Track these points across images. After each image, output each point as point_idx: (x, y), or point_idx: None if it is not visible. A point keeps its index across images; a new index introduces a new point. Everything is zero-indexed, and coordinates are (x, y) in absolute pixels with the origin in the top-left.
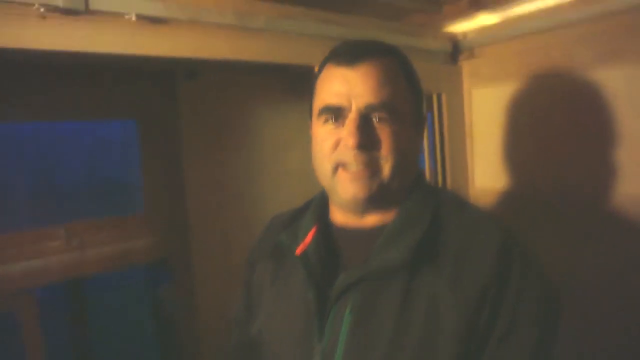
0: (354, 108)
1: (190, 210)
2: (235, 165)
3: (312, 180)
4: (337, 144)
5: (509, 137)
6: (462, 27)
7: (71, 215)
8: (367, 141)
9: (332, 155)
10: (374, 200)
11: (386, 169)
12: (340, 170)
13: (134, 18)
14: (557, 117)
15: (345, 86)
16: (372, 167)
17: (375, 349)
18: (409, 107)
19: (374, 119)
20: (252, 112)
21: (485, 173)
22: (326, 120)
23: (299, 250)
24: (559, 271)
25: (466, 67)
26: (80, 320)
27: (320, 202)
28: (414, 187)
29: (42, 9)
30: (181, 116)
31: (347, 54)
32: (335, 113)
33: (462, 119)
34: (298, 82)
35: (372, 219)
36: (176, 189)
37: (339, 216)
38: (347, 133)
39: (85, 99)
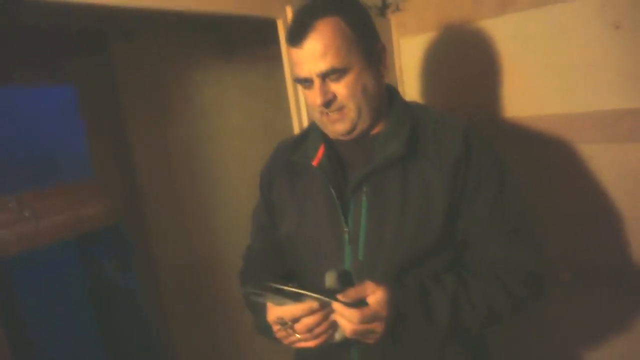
0: (313, 77)
1: (139, 172)
2: (179, 127)
3: (252, 138)
4: (314, 100)
5: (432, 78)
6: None
7: (21, 187)
8: (328, 98)
9: (315, 107)
10: (351, 132)
11: (350, 110)
12: (323, 115)
13: None
14: (468, 56)
15: (301, 63)
16: (340, 112)
17: (388, 220)
18: (358, 52)
19: (328, 80)
20: (189, 75)
21: None
22: (304, 87)
23: (315, 162)
24: None
25: (393, 19)
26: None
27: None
28: (392, 102)
29: None
30: (119, 78)
31: (294, 36)
32: (305, 82)
33: (393, 65)
34: (229, 44)
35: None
36: (123, 153)
37: None
38: (314, 96)
39: (18, 62)
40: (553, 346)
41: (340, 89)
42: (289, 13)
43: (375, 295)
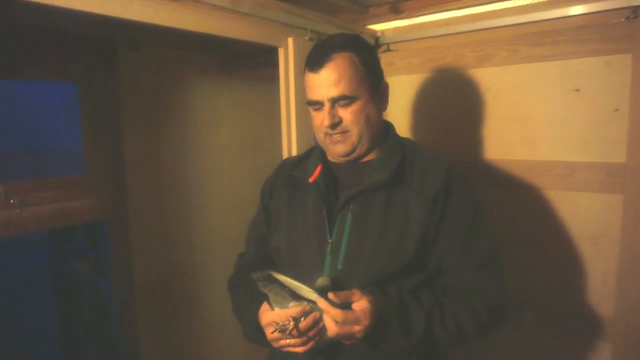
0: (324, 101)
1: (128, 174)
2: (171, 135)
3: (240, 153)
4: (322, 122)
5: (414, 116)
6: (381, 27)
7: (11, 176)
8: (335, 120)
9: (321, 128)
10: (350, 154)
11: (353, 135)
12: (327, 136)
13: None
14: (448, 100)
15: (315, 87)
16: (343, 135)
17: (369, 236)
18: (366, 85)
19: (337, 105)
20: (188, 87)
21: None
22: (313, 109)
23: (311, 179)
24: None
25: (384, 58)
26: None
27: (321, 149)
28: (387, 135)
29: None
30: (121, 84)
31: (313, 62)
32: (316, 105)
33: None
34: (229, 62)
35: (358, 159)
36: (115, 154)
37: (335, 158)
38: (323, 118)
39: (27, 58)
40: None
41: (346, 114)
42: (291, 43)
43: (360, 302)
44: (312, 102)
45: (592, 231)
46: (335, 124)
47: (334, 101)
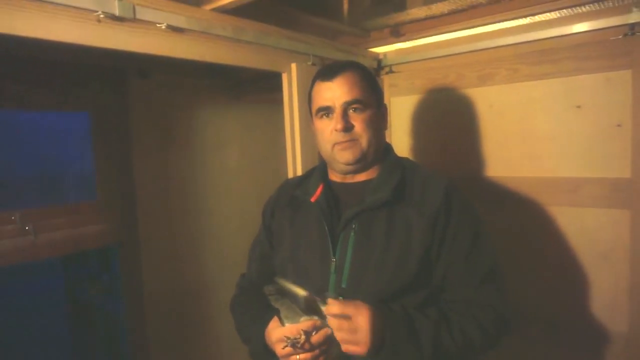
0: (337, 106)
1: (139, 199)
2: (180, 160)
3: (247, 176)
4: (332, 131)
5: (418, 135)
6: (384, 49)
7: (26, 203)
8: (347, 125)
9: (330, 138)
10: (359, 162)
11: (363, 141)
12: (335, 146)
13: (164, 27)
14: (451, 119)
15: (329, 93)
16: (354, 141)
17: (372, 255)
18: (373, 100)
19: (350, 111)
20: (196, 112)
21: None
22: (322, 117)
23: (313, 199)
24: None
25: (387, 80)
26: None
27: (322, 169)
28: (386, 155)
29: (101, 15)
30: (131, 111)
31: (328, 73)
32: (327, 111)
33: None
34: (236, 87)
35: (359, 177)
36: (126, 178)
37: (336, 177)
38: (335, 122)
39: (41, 90)
40: None
41: (358, 121)
42: (294, 69)
43: (359, 309)
44: (323, 108)
45: (600, 247)
46: (348, 128)
47: (348, 104)
